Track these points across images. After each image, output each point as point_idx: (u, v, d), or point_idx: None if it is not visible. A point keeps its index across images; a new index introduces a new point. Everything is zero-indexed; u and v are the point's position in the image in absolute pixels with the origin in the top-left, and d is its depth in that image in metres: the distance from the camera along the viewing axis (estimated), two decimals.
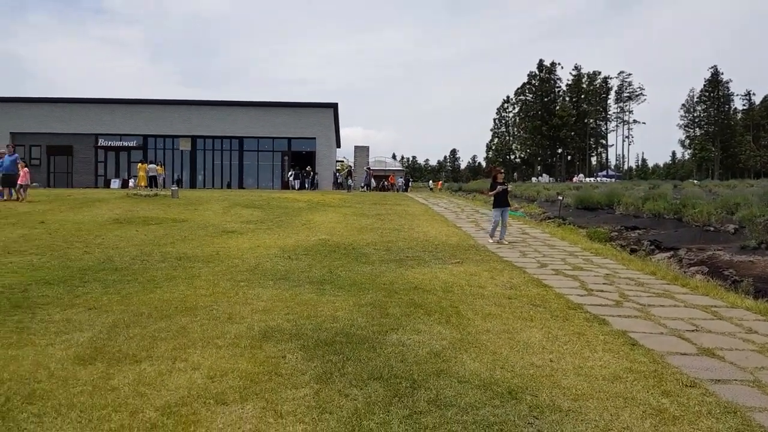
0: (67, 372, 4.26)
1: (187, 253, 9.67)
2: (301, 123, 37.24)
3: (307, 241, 11.04)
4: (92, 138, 36.78)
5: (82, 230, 11.59)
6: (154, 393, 3.91)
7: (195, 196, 19.91)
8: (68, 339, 5.04)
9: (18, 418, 3.48)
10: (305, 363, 4.53)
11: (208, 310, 6.09)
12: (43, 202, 16.10)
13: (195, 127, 37.02)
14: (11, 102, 37.32)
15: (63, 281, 7.39)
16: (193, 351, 4.79)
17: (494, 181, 11.83)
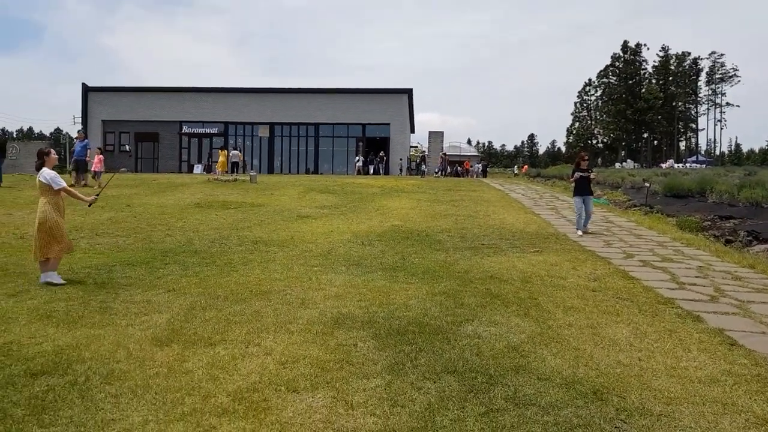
0: (144, 353, 4.34)
1: (263, 237, 9.81)
2: (375, 109, 37.26)
3: (380, 227, 10.94)
4: (177, 125, 38.44)
5: (165, 213, 12.04)
6: (226, 377, 3.89)
7: (272, 182, 20.33)
8: (147, 320, 5.15)
9: (96, 398, 3.55)
10: (377, 352, 4.39)
11: (281, 295, 6.09)
12: (130, 186, 16.90)
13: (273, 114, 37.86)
14: (104, 91, 39.59)
15: (145, 263, 7.64)
16: (266, 336, 4.77)
17: (577, 167, 11.14)
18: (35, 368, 3.97)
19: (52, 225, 6.54)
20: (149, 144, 38.86)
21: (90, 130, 38.44)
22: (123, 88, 40.21)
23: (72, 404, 3.45)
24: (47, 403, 3.46)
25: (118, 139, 38.87)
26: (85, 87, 39.21)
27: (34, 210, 11.85)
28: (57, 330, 4.83)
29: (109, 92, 39.62)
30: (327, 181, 21.07)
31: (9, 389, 3.62)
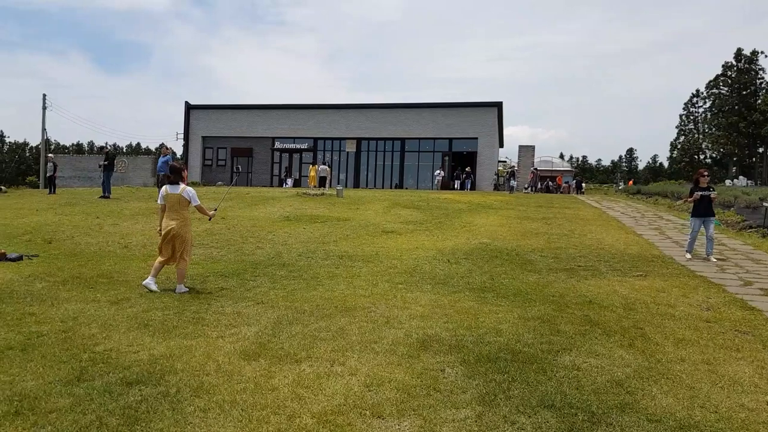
0: (233, 366, 4.36)
1: (348, 251, 9.82)
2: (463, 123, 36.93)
3: (467, 245, 10.67)
4: (269, 141, 39.99)
5: (257, 226, 12.40)
6: (311, 397, 3.82)
7: (358, 196, 20.55)
8: (236, 333, 5.21)
9: (186, 411, 3.57)
10: (466, 380, 4.17)
11: (366, 312, 6.00)
12: (225, 200, 17.62)
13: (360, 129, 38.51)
14: (204, 109, 41.96)
15: (236, 274, 7.84)
16: (351, 355, 4.67)
17: (696, 185, 10.18)
18: (131, 377, 4.07)
19: (189, 238, 7.00)
20: (244, 159, 40.63)
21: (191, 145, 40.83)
22: (221, 105, 42.40)
23: (163, 416, 3.49)
24: (140, 413, 3.51)
25: (215, 154, 40.93)
26: (188, 105, 41.70)
27: (138, 221, 12.62)
28: (153, 339, 4.99)
29: (208, 109, 41.91)
30: (412, 196, 21.00)
31: (106, 397, 3.73)
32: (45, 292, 6.60)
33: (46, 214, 13.88)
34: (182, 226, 6.89)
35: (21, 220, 12.72)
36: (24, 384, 3.91)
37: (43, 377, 4.04)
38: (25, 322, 5.38)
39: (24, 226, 11.69)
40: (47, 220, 12.57)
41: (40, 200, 18.10)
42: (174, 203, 6.90)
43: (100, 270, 7.93)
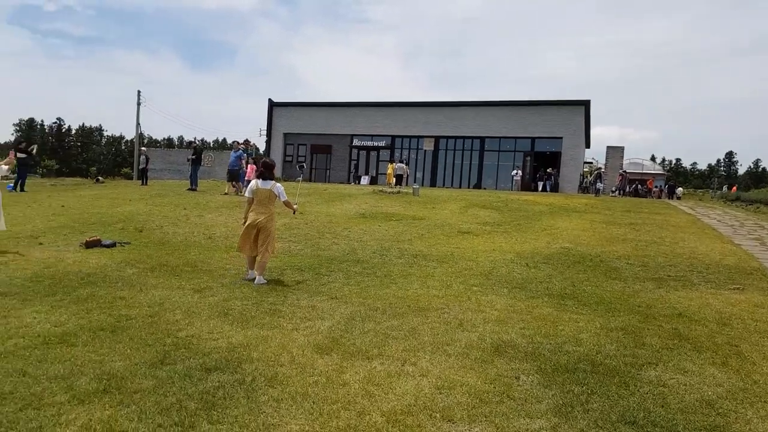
0: (306, 359, 4.42)
1: (423, 251, 9.77)
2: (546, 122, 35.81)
3: (547, 249, 10.34)
4: (348, 138, 40.53)
5: (333, 222, 12.60)
6: (381, 395, 3.81)
7: (434, 195, 20.43)
8: (310, 326, 5.29)
9: (260, 400, 3.65)
10: (542, 389, 4.02)
11: (439, 313, 5.93)
12: (303, 195, 18.01)
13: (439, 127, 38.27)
14: (286, 106, 43.12)
15: (312, 269, 7.98)
16: (422, 355, 4.62)
17: None
18: (210, 363, 4.22)
19: (273, 232, 7.32)
20: (323, 156, 41.44)
21: (273, 142, 42.08)
22: (302, 103, 43.42)
23: (238, 403, 3.59)
24: (217, 399, 3.63)
25: (296, 151, 41.99)
26: (271, 102, 43.03)
27: (222, 213, 13.14)
28: (231, 328, 5.16)
29: (290, 107, 43.03)
30: (490, 196, 20.63)
31: (186, 381, 3.88)
32: (135, 277, 6.99)
33: (138, 204, 14.74)
34: (269, 220, 7.17)
35: (116, 209, 13.58)
36: (112, 364, 4.14)
37: (130, 358, 4.27)
38: (115, 305, 5.72)
39: (118, 215, 12.47)
40: (139, 210, 13.34)
41: (133, 191, 19.26)
42: (264, 198, 7.16)
43: (185, 259, 8.31)
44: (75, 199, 15.86)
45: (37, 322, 5.06)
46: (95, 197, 16.67)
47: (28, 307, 5.49)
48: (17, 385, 3.70)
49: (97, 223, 11.29)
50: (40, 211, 12.98)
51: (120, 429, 3.18)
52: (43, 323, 5.02)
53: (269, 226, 7.17)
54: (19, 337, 4.64)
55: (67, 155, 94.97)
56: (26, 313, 5.29)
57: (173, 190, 19.56)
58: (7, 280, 6.49)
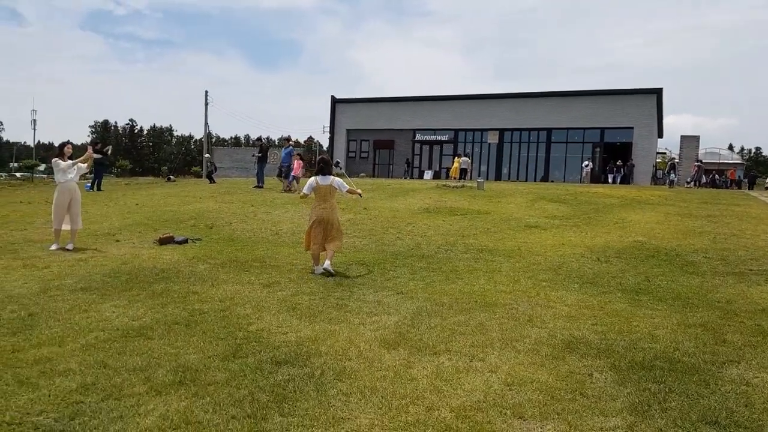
0: (373, 354, 4.43)
1: (489, 245, 9.61)
2: (616, 112, 34.49)
3: (619, 242, 9.94)
4: (410, 133, 40.51)
5: (397, 217, 12.60)
6: (450, 391, 3.76)
7: (499, 189, 20.09)
8: (377, 321, 5.30)
9: (329, 393, 3.68)
10: (616, 387, 3.85)
11: (507, 309, 5.80)
12: (367, 191, 18.12)
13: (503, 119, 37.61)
14: (348, 103, 43.56)
15: (377, 264, 8.00)
16: (491, 351, 4.54)
17: None
18: (280, 357, 4.30)
19: (339, 222, 7.63)
20: (385, 151, 41.59)
21: (336, 138, 42.61)
22: (364, 99, 43.70)
23: (308, 397, 3.63)
24: (287, 392, 3.69)
25: (359, 147, 42.36)
26: (334, 99, 43.56)
27: (288, 210, 13.41)
28: (300, 322, 5.23)
29: (352, 103, 43.42)
30: (558, 189, 20.06)
31: (257, 374, 3.96)
32: (206, 273, 7.22)
33: (208, 201, 15.26)
34: (333, 212, 7.43)
35: (186, 206, 14.11)
36: (187, 357, 4.28)
37: (204, 351, 4.40)
38: (189, 300, 5.93)
39: (189, 212, 12.95)
40: (209, 207, 13.81)
41: (203, 189, 19.96)
42: (325, 193, 7.33)
43: (254, 255, 8.52)
44: (148, 198, 16.61)
45: (116, 316, 5.31)
46: (167, 195, 17.40)
47: (107, 302, 5.77)
48: (99, 376, 3.89)
49: (169, 220, 11.77)
50: (116, 209, 13.68)
51: (196, 420, 3.28)
52: (121, 317, 5.27)
53: (334, 218, 7.44)
54: (100, 330, 4.88)
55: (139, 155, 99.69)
56: (106, 308, 5.57)
57: (241, 187, 20.14)
58: (87, 276, 6.85)
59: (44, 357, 4.20)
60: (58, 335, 4.71)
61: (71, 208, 8.68)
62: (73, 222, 8.71)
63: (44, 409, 3.37)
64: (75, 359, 4.17)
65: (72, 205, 8.69)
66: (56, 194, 8.66)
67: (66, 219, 8.71)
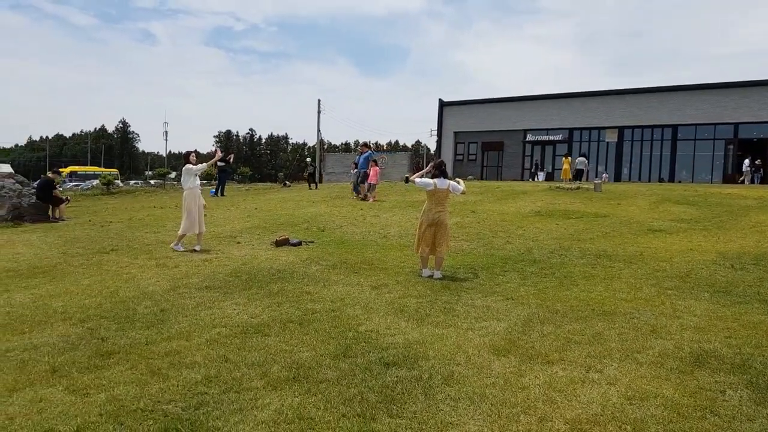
0: (482, 360, 4.34)
1: (607, 250, 9.09)
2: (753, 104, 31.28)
3: (757, 248, 9.01)
4: (521, 133, 39.41)
5: (506, 221, 12.29)
6: (564, 402, 3.58)
7: (619, 190, 18.99)
8: (486, 326, 5.19)
9: (437, 398, 3.65)
10: (753, 406, 3.48)
11: (627, 318, 5.44)
12: (475, 194, 17.87)
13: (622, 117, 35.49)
14: (456, 105, 43.26)
15: (486, 268, 7.84)
16: (609, 362, 4.27)
17: None
18: (388, 358, 4.33)
19: (450, 227, 7.64)
20: (494, 153, 40.82)
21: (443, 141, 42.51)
22: (472, 100, 43.19)
23: (416, 399, 3.62)
24: (396, 394, 3.70)
25: (467, 149, 41.94)
26: (441, 102, 43.48)
27: (396, 213, 13.56)
28: (407, 324, 5.25)
29: (460, 105, 43.08)
30: (686, 190, 18.58)
31: (366, 374, 4.02)
32: (318, 274, 7.46)
33: (320, 206, 15.81)
34: (446, 216, 7.43)
35: (300, 210, 14.71)
36: (300, 354, 4.44)
37: (316, 350, 4.54)
38: (302, 299, 6.15)
39: (303, 216, 13.49)
40: (321, 211, 14.30)
41: (315, 194, 20.74)
42: (441, 197, 7.35)
43: (363, 257, 8.69)
44: (266, 202, 17.51)
45: (236, 313, 5.63)
46: (283, 200, 18.25)
47: (229, 300, 6.14)
48: (221, 369, 4.13)
49: (285, 223, 12.33)
50: (237, 213, 14.54)
51: (308, 416, 3.38)
52: (241, 314, 5.57)
53: (446, 222, 7.41)
54: (222, 326, 5.19)
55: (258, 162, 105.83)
56: (227, 305, 5.92)
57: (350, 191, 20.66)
58: (212, 275, 7.33)
59: (173, 350, 4.54)
60: (186, 330, 5.07)
61: (199, 214, 9.33)
62: (200, 225, 9.36)
63: (173, 399, 3.63)
64: (200, 353, 4.47)
65: (199, 211, 9.34)
66: (187, 200, 9.34)
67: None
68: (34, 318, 5.53)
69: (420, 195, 9.17)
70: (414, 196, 16.65)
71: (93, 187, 37.80)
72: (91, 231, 11.95)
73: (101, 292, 6.53)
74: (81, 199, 23.81)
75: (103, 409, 3.47)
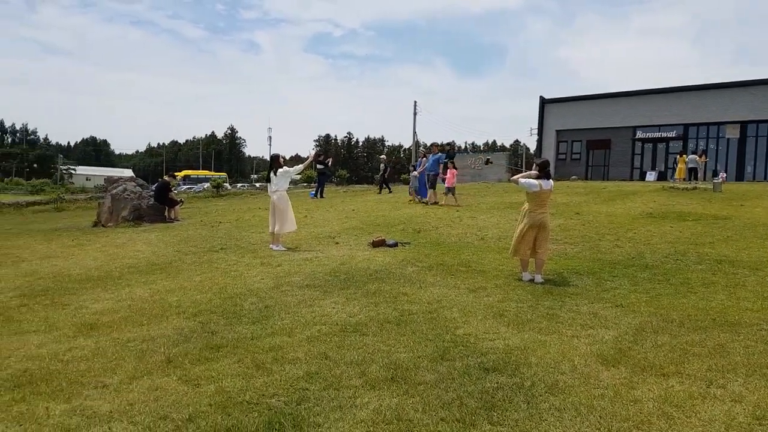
0: (589, 369, 4.10)
1: (729, 255, 8.34)
2: None
3: None
4: (629, 131, 37.21)
5: (614, 223, 11.62)
6: (682, 419, 3.30)
7: (741, 190, 17.45)
8: (593, 334, 4.91)
9: (540, 407, 3.49)
10: None
11: (754, 329, 4.95)
12: (579, 194, 17.10)
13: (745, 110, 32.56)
14: (558, 102, 41.62)
15: (592, 273, 7.44)
16: (734, 377, 3.89)
17: None
18: (487, 363, 4.20)
19: (550, 229, 7.44)
20: (600, 151, 38.92)
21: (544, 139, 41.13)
22: (575, 97, 41.43)
23: (518, 408, 3.47)
24: (496, 400, 3.57)
25: (569, 148, 40.29)
26: (542, 99, 42.10)
27: (494, 215, 13.26)
28: (507, 329, 5.08)
29: (562, 103, 41.47)
30: None
31: (465, 379, 3.92)
32: (414, 275, 7.43)
33: (415, 207, 15.78)
34: (548, 217, 7.22)
35: (396, 212, 14.76)
36: (398, 355, 4.41)
37: (413, 351, 4.50)
38: (399, 300, 6.14)
39: (399, 218, 13.52)
40: (416, 213, 14.27)
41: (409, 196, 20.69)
42: (545, 198, 7.16)
43: (459, 259, 8.55)
44: (362, 204, 17.75)
45: (335, 312, 5.71)
46: (379, 201, 18.43)
47: (328, 298, 6.25)
48: (321, 366, 4.20)
49: (381, 224, 12.43)
50: (336, 214, 14.86)
51: (407, 418, 3.34)
52: (339, 313, 5.65)
53: (548, 224, 7.22)
54: (322, 324, 5.29)
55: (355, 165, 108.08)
56: (327, 304, 6.03)
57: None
58: (312, 274, 7.51)
59: (277, 345, 4.68)
60: (288, 326, 5.22)
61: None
62: (285, 225, 9.72)
63: (276, 393, 3.73)
64: (302, 349, 4.58)
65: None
66: (283, 201, 9.70)
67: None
68: (152, 311, 5.93)
69: (519, 196, 8.89)
70: (512, 197, 16.21)
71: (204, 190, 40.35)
72: (202, 231, 12.70)
73: (211, 289, 6.89)
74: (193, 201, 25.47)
75: (212, 400, 3.63)
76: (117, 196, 15.17)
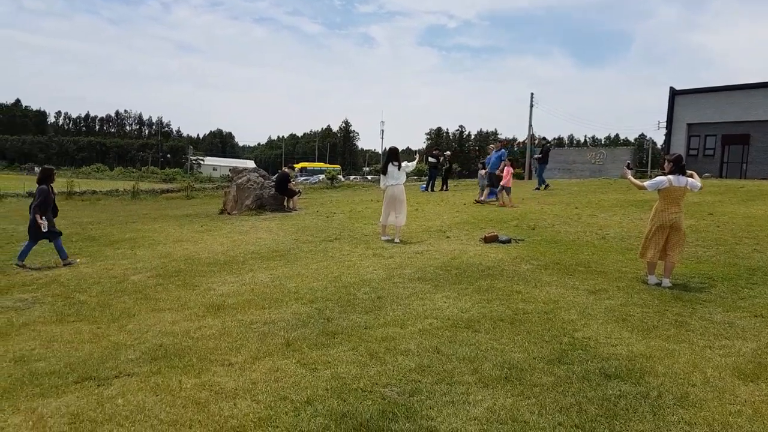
0: (724, 383, 3.77)
1: None
2: None
3: None
4: None
5: (753, 225, 10.55)
6: None
7: None
8: (728, 345, 4.51)
9: (668, 420, 3.27)
10: None
11: None
12: (713, 194, 15.72)
13: None
14: (690, 93, 38.38)
15: (727, 279, 6.83)
16: None
17: None
18: (609, 370, 3.99)
19: (684, 231, 6.91)
20: (737, 147, 35.53)
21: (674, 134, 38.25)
22: (710, 88, 38.00)
23: (643, 418, 3.28)
24: (618, 409, 3.39)
25: (702, 143, 37.16)
26: (672, 90, 39.11)
27: (616, 213, 12.55)
28: (631, 335, 4.79)
29: (695, 94, 38.25)
30: None
31: (584, 384, 3.75)
32: (529, 273, 7.21)
33: (531, 203, 15.31)
34: (682, 218, 6.75)
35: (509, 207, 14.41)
36: (512, 354, 4.31)
37: (528, 351, 4.38)
38: (512, 298, 5.99)
39: (512, 213, 13.19)
40: (531, 209, 13.83)
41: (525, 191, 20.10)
42: (678, 196, 6.67)
43: (578, 258, 8.18)
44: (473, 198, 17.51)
45: (446, 306, 5.69)
46: None
47: (439, 293, 6.24)
48: (433, 360, 4.20)
49: (493, 220, 12.19)
50: (447, 208, 14.78)
51: (522, 419, 3.26)
52: (451, 308, 5.62)
53: (682, 226, 6.71)
54: (433, 317, 5.29)
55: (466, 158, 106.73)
56: (438, 298, 6.02)
57: (564, 188, 19.70)
58: (423, 268, 7.53)
59: (389, 336, 4.75)
60: (400, 318, 5.28)
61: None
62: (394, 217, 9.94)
63: (389, 383, 3.79)
64: (413, 341, 4.61)
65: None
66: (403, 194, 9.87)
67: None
68: (273, 296, 6.25)
69: (644, 193, 8.37)
70: (636, 195, 15.25)
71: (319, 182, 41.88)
72: (318, 221, 13.19)
73: (327, 277, 7.14)
74: (309, 192, 26.50)
75: (328, 384, 3.76)
76: (241, 185, 16.14)
